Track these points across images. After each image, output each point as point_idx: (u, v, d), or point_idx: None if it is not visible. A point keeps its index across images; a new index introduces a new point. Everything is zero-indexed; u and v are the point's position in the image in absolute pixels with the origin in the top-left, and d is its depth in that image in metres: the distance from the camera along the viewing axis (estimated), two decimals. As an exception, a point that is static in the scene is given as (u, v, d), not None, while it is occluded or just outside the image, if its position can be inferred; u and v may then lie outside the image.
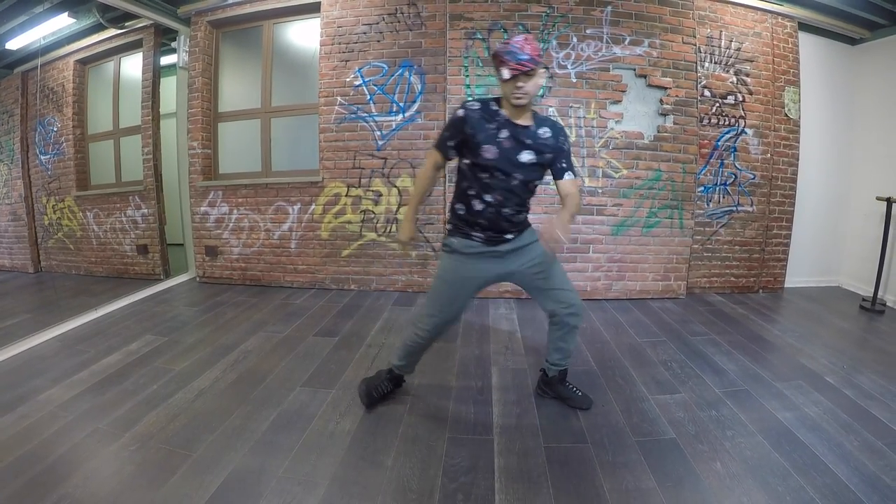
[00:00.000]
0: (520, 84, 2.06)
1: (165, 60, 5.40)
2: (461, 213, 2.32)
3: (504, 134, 2.18)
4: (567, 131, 2.34)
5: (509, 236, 2.34)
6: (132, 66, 5.24)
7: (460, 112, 2.22)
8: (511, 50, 2.02)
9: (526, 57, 2.01)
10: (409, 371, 2.74)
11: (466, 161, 2.25)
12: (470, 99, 2.35)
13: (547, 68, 2.15)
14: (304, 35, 5.12)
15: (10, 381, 2.97)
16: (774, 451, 2.27)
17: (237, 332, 3.83)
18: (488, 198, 2.23)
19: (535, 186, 2.32)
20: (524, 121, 2.21)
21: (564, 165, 2.29)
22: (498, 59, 2.07)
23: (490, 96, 2.30)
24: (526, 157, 2.19)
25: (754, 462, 2.20)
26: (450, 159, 2.33)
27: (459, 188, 2.33)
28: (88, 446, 2.29)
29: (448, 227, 2.41)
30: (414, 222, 2.41)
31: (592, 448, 2.31)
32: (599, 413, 2.63)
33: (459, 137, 2.22)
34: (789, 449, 2.29)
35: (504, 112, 2.20)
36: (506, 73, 2.04)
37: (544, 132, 2.24)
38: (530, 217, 2.46)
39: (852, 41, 5.12)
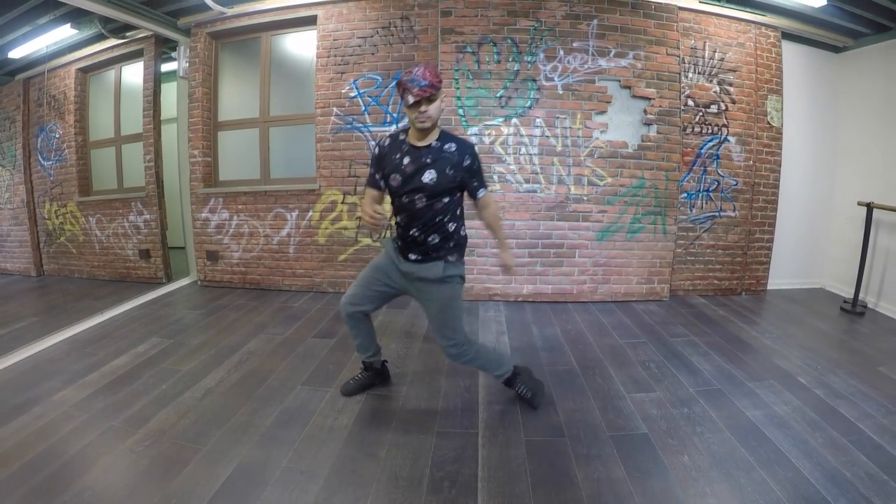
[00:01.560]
0: (422, 108, 2.20)
1: (166, 67, 5.50)
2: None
3: (406, 160, 2.34)
4: (476, 150, 2.44)
5: (413, 256, 2.49)
6: (133, 75, 5.34)
7: (375, 149, 2.46)
8: (413, 78, 2.16)
9: (426, 83, 2.15)
10: (371, 355, 2.94)
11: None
12: (385, 135, 2.51)
13: (441, 91, 2.28)
14: (300, 47, 5.25)
15: (23, 383, 3.11)
16: (741, 447, 2.41)
17: (239, 334, 3.98)
18: (399, 219, 2.46)
19: (445, 208, 2.38)
20: (426, 141, 2.34)
21: (476, 184, 2.43)
22: (401, 88, 2.19)
23: (403, 127, 2.47)
24: (428, 176, 2.30)
25: (720, 456, 2.34)
26: (382, 190, 2.50)
27: None
28: (104, 443, 2.45)
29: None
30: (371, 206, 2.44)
31: (569, 441, 2.48)
32: (577, 410, 2.79)
33: (381, 170, 2.44)
34: (755, 444, 2.43)
35: (409, 139, 2.37)
36: (409, 99, 2.17)
37: (449, 147, 2.35)
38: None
39: (836, 49, 5.23)
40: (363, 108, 4.91)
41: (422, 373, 3.22)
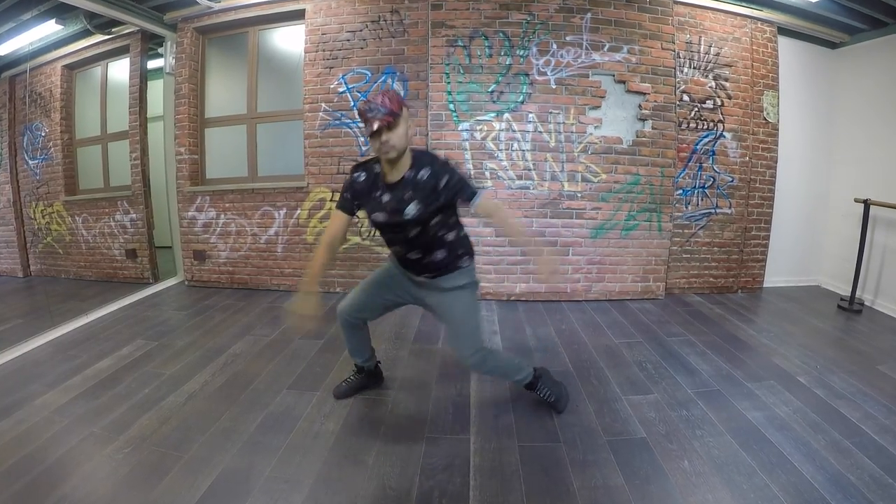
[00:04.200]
0: (383, 138, 2.03)
1: (152, 64, 5.44)
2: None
3: (386, 198, 2.20)
4: (451, 164, 2.23)
5: (420, 279, 2.42)
6: (119, 71, 5.26)
7: (349, 180, 2.29)
8: (370, 107, 2.01)
9: (384, 111, 1.99)
10: (365, 360, 2.87)
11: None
12: (357, 164, 2.34)
13: (402, 117, 2.07)
14: (288, 42, 5.17)
15: (5, 387, 3.03)
16: (742, 450, 2.36)
17: (225, 335, 3.90)
18: (394, 248, 2.40)
19: (439, 224, 2.26)
20: (399, 174, 2.17)
21: (466, 195, 2.22)
22: (362, 118, 2.05)
23: (375, 157, 2.26)
24: (412, 211, 2.15)
25: (721, 461, 2.28)
26: (353, 216, 2.35)
27: None
28: (84, 449, 2.37)
29: None
30: (316, 294, 2.38)
31: (564, 447, 2.41)
32: (573, 413, 2.73)
33: (357, 199, 2.29)
34: (757, 448, 2.37)
35: (383, 173, 2.21)
36: (368, 129, 2.02)
37: (422, 174, 2.15)
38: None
39: (832, 45, 5.19)
40: (352, 104, 4.82)
41: (412, 376, 3.15)
